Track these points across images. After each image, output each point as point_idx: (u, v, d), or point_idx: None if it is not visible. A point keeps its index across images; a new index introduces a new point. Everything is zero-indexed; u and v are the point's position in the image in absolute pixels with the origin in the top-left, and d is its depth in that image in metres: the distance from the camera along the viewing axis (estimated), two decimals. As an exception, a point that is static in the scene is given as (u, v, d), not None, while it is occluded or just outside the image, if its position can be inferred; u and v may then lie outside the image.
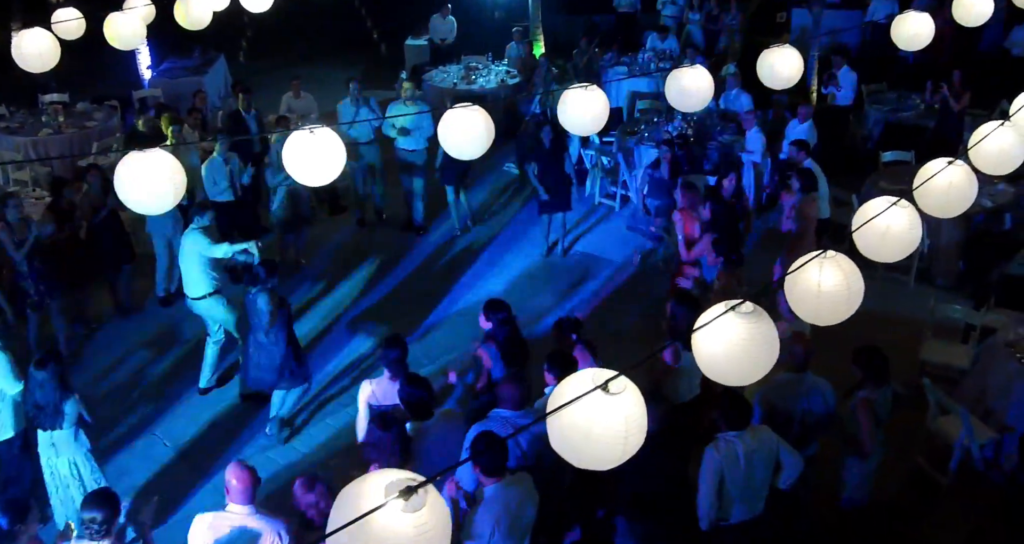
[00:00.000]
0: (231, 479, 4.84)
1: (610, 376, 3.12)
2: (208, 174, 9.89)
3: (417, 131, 11.09)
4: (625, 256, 10.92)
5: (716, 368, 3.57)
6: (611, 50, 15.79)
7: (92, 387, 8.63)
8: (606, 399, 3.08)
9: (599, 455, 3.11)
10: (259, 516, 4.88)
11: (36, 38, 7.17)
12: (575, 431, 3.09)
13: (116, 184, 4.48)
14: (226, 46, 17.93)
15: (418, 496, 2.54)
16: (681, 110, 6.77)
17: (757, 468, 5.44)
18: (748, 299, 3.57)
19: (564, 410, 3.08)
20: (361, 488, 2.64)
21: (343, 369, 8.91)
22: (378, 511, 2.50)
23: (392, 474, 2.65)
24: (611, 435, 3.08)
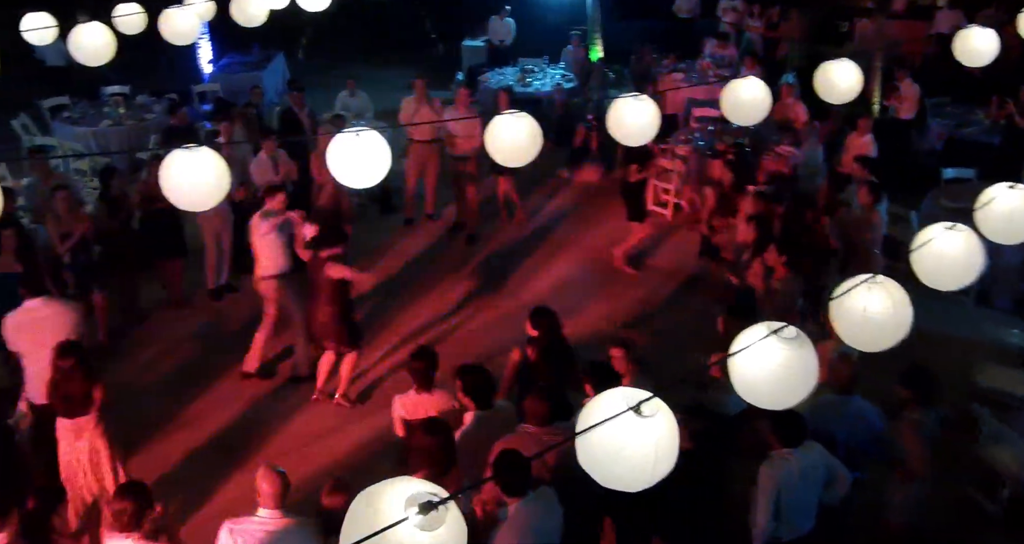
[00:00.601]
0: (261, 483, 4.83)
1: (643, 397, 3.05)
2: (257, 176, 9.95)
3: (473, 138, 11.05)
4: (678, 265, 10.76)
5: (752, 391, 3.48)
6: (668, 56, 15.64)
7: (137, 378, 8.73)
8: (638, 421, 3.00)
9: (626, 477, 3.04)
10: (289, 520, 4.86)
11: (93, 31, 7.28)
12: (603, 452, 3.02)
13: (161, 180, 4.50)
14: (285, 43, 18.09)
15: (437, 513, 2.49)
16: (736, 122, 6.64)
17: (811, 484, 5.36)
18: (797, 317, 3.48)
19: (593, 432, 3.01)
20: (380, 495, 2.57)
21: (385, 370, 8.89)
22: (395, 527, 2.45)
23: (414, 485, 2.59)
24: (640, 458, 3.00)
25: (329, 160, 4.89)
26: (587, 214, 12.25)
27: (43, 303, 6.98)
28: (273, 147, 10.02)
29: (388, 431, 7.71)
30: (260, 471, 4.90)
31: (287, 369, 8.85)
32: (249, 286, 10.20)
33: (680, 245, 11.32)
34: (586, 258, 11.06)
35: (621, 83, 16.08)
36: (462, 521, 2.58)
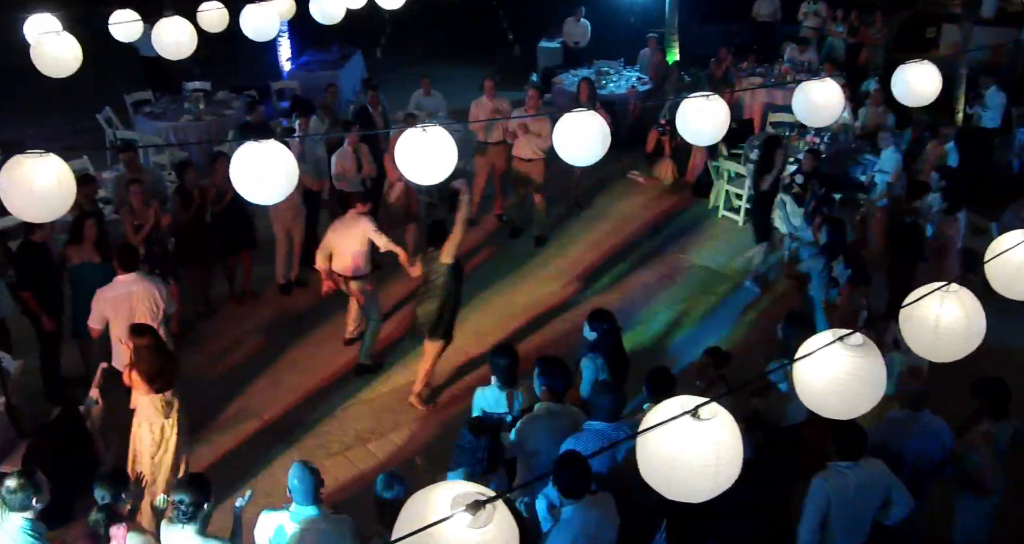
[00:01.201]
0: (293, 479, 4.86)
1: (701, 401, 2.99)
2: (338, 167, 10.05)
3: (539, 139, 11.05)
4: (746, 271, 10.61)
5: (816, 399, 3.39)
6: (747, 59, 15.44)
7: (206, 369, 8.88)
8: (695, 425, 2.94)
9: (688, 486, 2.96)
10: (322, 516, 4.90)
11: (174, 26, 7.43)
12: (662, 460, 2.96)
13: (232, 174, 4.56)
14: (364, 41, 18.27)
15: (485, 512, 2.48)
16: (808, 125, 6.51)
17: (866, 502, 5.19)
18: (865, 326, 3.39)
19: (651, 437, 2.96)
20: (430, 497, 2.58)
21: (448, 369, 8.88)
22: (443, 524, 2.45)
23: (462, 487, 2.60)
24: (700, 465, 2.93)
25: (397, 156, 4.92)
26: (658, 218, 12.14)
27: (136, 278, 7.33)
28: (356, 139, 10.13)
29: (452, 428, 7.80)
30: (292, 468, 4.92)
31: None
32: (317, 282, 10.38)
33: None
34: (655, 262, 10.95)
35: (697, 86, 15.87)
36: (511, 519, 2.57)
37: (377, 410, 8.28)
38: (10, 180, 4.28)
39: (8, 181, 4.28)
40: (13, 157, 4.27)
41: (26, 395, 7.70)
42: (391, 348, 9.21)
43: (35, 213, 4.45)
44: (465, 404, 8.14)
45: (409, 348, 9.15)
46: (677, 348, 9.12)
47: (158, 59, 15.46)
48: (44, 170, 4.25)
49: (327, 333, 9.50)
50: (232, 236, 9.71)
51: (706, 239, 11.53)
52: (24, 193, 4.29)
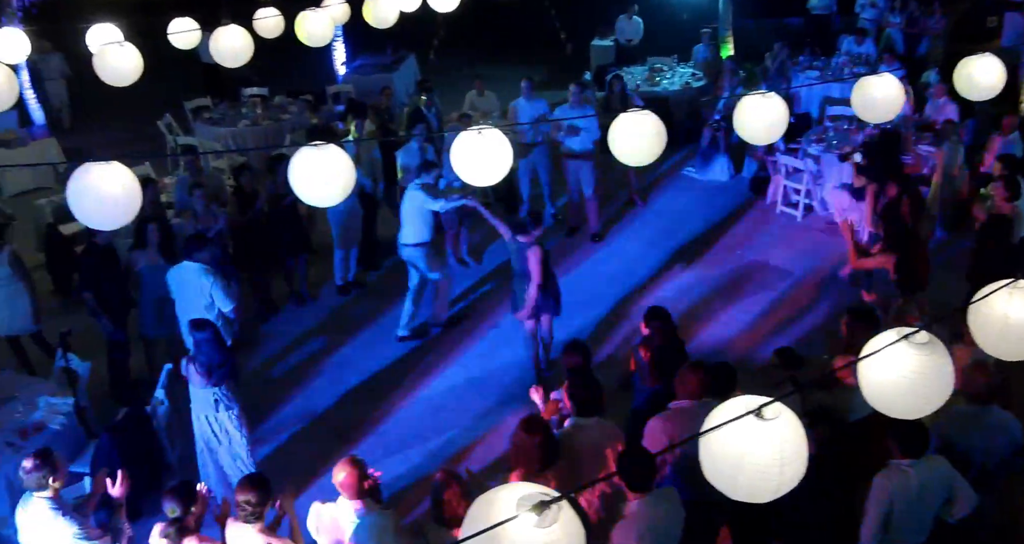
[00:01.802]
0: (339, 474, 4.92)
1: (764, 401, 2.97)
2: (404, 161, 10.14)
3: (585, 132, 11.02)
4: (806, 268, 10.50)
5: (881, 399, 3.36)
6: (803, 53, 15.26)
7: (265, 370, 9.03)
8: (759, 426, 2.93)
9: (753, 486, 2.96)
10: (368, 510, 4.95)
11: (231, 34, 7.56)
12: (726, 460, 2.96)
13: (290, 177, 4.63)
14: (417, 44, 18.39)
15: (551, 511, 2.50)
16: (867, 120, 6.43)
17: (929, 500, 5.11)
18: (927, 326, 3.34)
19: (714, 437, 2.96)
20: (495, 498, 2.61)
21: (507, 367, 8.93)
22: (509, 524, 2.48)
23: (527, 487, 2.61)
24: (764, 465, 2.92)
25: (453, 158, 4.96)
26: (715, 214, 12.05)
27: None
28: (422, 139, 10.24)
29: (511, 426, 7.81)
30: (339, 463, 4.98)
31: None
32: (376, 283, 10.50)
33: (811, 246, 11.02)
34: (713, 259, 10.87)
35: (752, 82, 15.75)
36: (577, 519, 2.59)
37: (435, 408, 8.34)
38: (78, 188, 4.40)
39: (76, 189, 4.39)
40: (81, 165, 4.38)
41: (93, 397, 7.86)
42: (447, 348, 9.27)
43: (103, 220, 4.57)
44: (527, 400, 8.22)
45: (466, 348, 9.23)
46: (738, 346, 9.03)
47: (217, 66, 15.83)
48: (110, 178, 4.36)
49: (385, 333, 9.57)
50: (290, 238, 9.83)
51: (764, 235, 11.40)
52: (92, 200, 4.41)
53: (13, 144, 13.82)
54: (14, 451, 6.57)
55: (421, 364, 9.04)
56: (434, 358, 9.12)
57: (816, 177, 11.56)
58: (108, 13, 10.49)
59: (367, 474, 5.01)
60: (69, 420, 6.99)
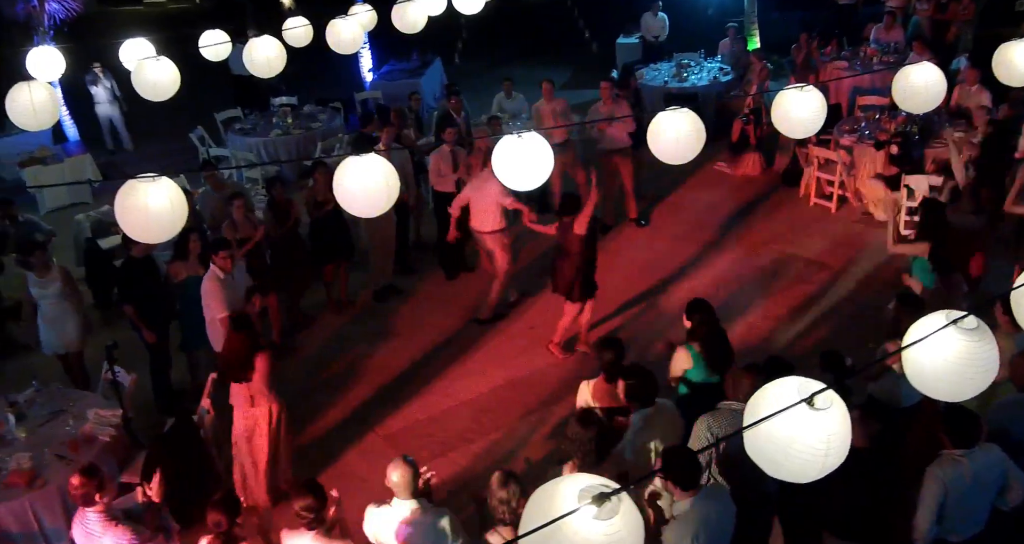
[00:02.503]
0: (392, 474, 4.94)
1: (817, 389, 2.99)
2: (434, 165, 10.16)
3: (618, 130, 11.04)
4: (843, 260, 10.43)
5: (927, 383, 3.36)
6: (831, 44, 15.17)
7: (309, 377, 9.09)
8: (810, 414, 2.96)
9: (795, 469, 3.01)
10: (422, 509, 4.98)
11: (264, 45, 7.64)
12: (773, 444, 2.99)
13: (335, 187, 4.67)
14: (442, 48, 18.45)
15: (611, 504, 2.52)
16: (908, 110, 6.40)
17: (983, 489, 5.08)
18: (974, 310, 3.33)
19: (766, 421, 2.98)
20: (556, 490, 2.63)
21: (547, 366, 8.96)
22: (570, 517, 2.50)
23: (587, 479, 2.63)
24: (810, 452, 2.96)
25: (493, 162, 4.98)
26: (748, 208, 12.03)
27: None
28: (453, 140, 10.27)
29: (554, 426, 7.85)
30: (392, 463, 5.00)
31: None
32: (412, 288, 10.55)
33: (848, 238, 10.98)
34: (748, 252, 10.84)
35: (780, 74, 15.70)
36: (637, 512, 2.61)
37: (477, 411, 8.37)
38: (125, 204, 4.45)
39: (124, 205, 4.45)
40: (128, 182, 4.44)
41: (138, 407, 7.95)
42: (486, 350, 9.32)
43: (150, 234, 4.62)
44: (568, 399, 8.23)
45: (505, 349, 9.27)
46: (779, 339, 9.00)
47: (249, 76, 15.94)
48: (157, 193, 4.42)
49: (423, 337, 9.65)
50: (330, 245, 9.89)
51: (799, 227, 11.36)
52: (140, 215, 4.46)
53: (49, 161, 14.01)
54: (65, 464, 6.67)
55: (461, 367, 9.08)
56: (474, 360, 9.17)
57: (849, 168, 11.49)
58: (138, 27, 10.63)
59: (420, 474, 5.04)
60: (117, 431, 7.08)
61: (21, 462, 6.63)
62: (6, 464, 6.64)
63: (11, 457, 6.70)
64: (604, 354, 6.19)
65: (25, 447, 6.86)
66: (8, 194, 12.03)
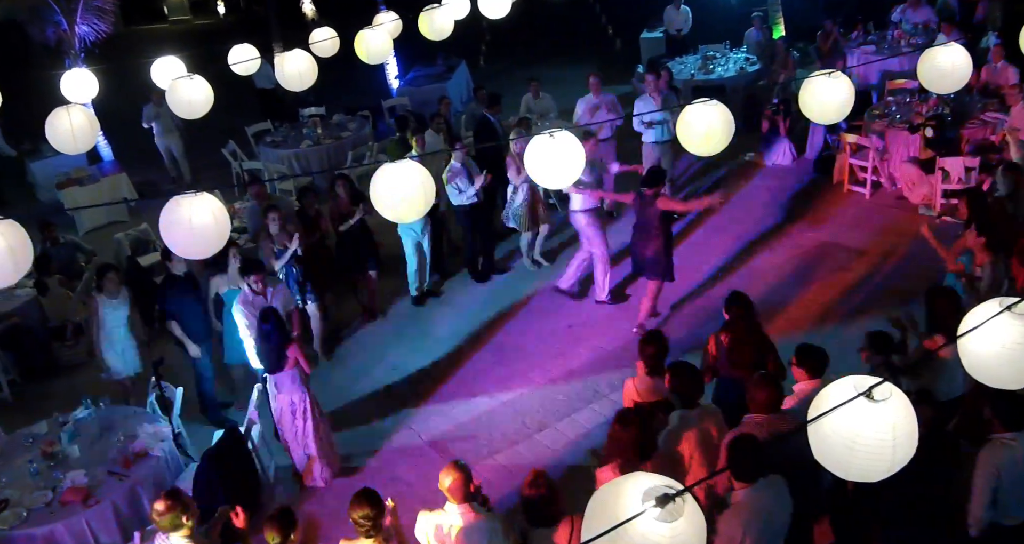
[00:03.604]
0: (445, 479, 4.95)
1: (873, 382, 2.97)
2: (451, 183, 10.11)
3: (663, 124, 11.04)
4: (880, 246, 10.33)
5: (985, 370, 3.34)
6: (857, 29, 15.05)
7: (350, 385, 9.12)
8: (870, 407, 2.94)
9: (865, 467, 2.98)
10: (474, 514, 4.98)
11: (296, 59, 7.70)
12: (838, 442, 2.97)
13: (371, 194, 4.71)
14: (466, 51, 18.48)
15: (675, 505, 2.52)
16: (936, 92, 6.35)
17: (1036, 471, 5.03)
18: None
19: (826, 420, 2.97)
20: (618, 491, 2.63)
21: (587, 365, 8.96)
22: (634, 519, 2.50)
23: (649, 479, 2.63)
24: (877, 446, 2.93)
25: (526, 162, 5.00)
26: (781, 197, 11.95)
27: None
28: (463, 155, 10.17)
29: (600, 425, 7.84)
30: (445, 468, 5.01)
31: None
32: (448, 292, 10.57)
33: (884, 223, 10.88)
34: (783, 242, 10.77)
35: (807, 61, 15.59)
36: (700, 512, 2.60)
37: (521, 411, 8.38)
38: (170, 220, 4.51)
39: (168, 221, 4.51)
40: (172, 198, 4.50)
41: (186, 421, 8.00)
42: (526, 351, 9.32)
43: (195, 250, 4.68)
44: (611, 397, 8.24)
45: (544, 350, 9.28)
46: (820, 328, 8.93)
47: (274, 90, 16.10)
48: (201, 208, 4.47)
49: (462, 340, 9.68)
50: (357, 256, 9.93)
51: (834, 215, 11.28)
52: (184, 231, 4.52)
53: (86, 181, 14.19)
54: (118, 480, 6.76)
55: (502, 368, 9.09)
56: (514, 361, 9.18)
57: (882, 153, 11.40)
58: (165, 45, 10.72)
59: (472, 477, 5.05)
60: (168, 446, 7.17)
61: (76, 480, 6.74)
62: (61, 482, 6.74)
63: (66, 475, 6.81)
64: (646, 348, 6.18)
65: (79, 465, 6.96)
66: (47, 215, 12.18)
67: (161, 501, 5.19)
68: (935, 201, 10.68)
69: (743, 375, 6.17)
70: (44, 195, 15.31)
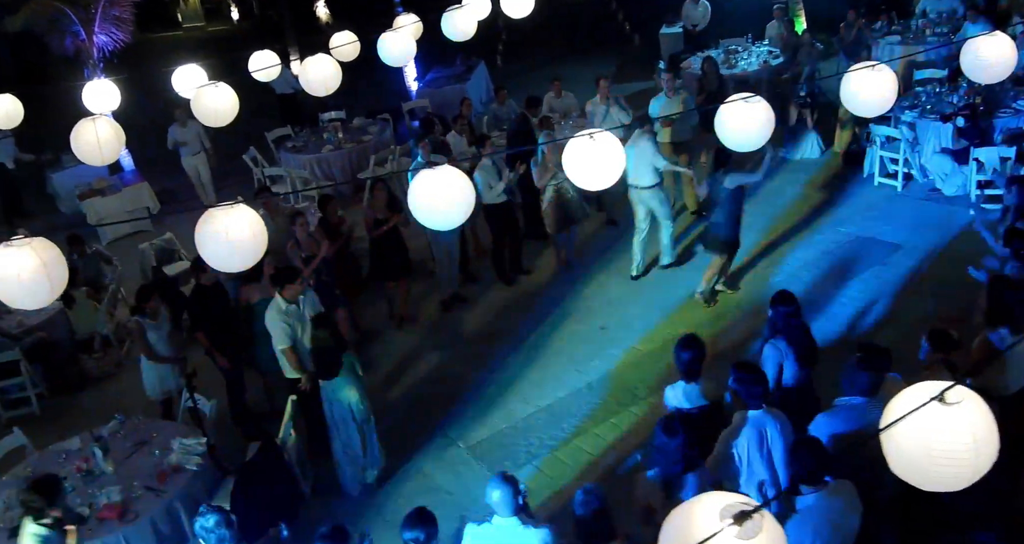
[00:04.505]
0: (493, 491, 4.84)
1: (945, 386, 2.86)
2: (483, 179, 9.99)
3: (681, 122, 10.92)
4: (916, 239, 10.15)
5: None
6: (881, 19, 14.86)
7: (383, 393, 9.00)
8: (945, 411, 2.82)
9: (946, 474, 2.86)
10: (524, 526, 4.86)
11: (319, 64, 7.61)
12: (915, 450, 2.85)
13: (410, 201, 4.60)
14: (484, 51, 18.38)
15: (753, 521, 2.43)
16: (980, 82, 6.21)
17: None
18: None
19: (898, 429, 2.85)
20: (692, 510, 2.55)
21: (622, 367, 8.83)
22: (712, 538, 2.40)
23: (725, 497, 2.54)
24: (957, 452, 2.82)
25: (565, 163, 4.89)
26: (810, 191, 11.80)
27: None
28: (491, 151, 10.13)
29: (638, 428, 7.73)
30: (492, 480, 4.89)
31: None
32: (477, 296, 10.47)
33: (917, 216, 10.71)
34: (814, 237, 10.62)
35: (831, 53, 15.42)
36: (779, 527, 2.51)
37: (558, 416, 8.25)
38: (205, 232, 4.41)
39: (204, 233, 4.41)
40: (207, 210, 4.41)
41: (219, 433, 7.91)
42: (559, 356, 9.19)
43: (231, 263, 4.56)
44: (648, 400, 8.12)
45: (578, 352, 9.16)
46: (864, 326, 8.77)
47: (293, 94, 16.05)
48: (237, 220, 4.38)
49: (494, 344, 9.58)
50: (390, 262, 9.83)
51: (866, 208, 11.11)
52: (220, 244, 4.42)
53: (107, 192, 14.18)
54: (155, 495, 6.69)
55: (535, 372, 8.98)
56: (548, 365, 9.06)
57: (913, 144, 11.22)
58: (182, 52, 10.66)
59: (520, 489, 4.94)
60: (204, 460, 7.09)
61: (112, 495, 6.67)
62: (97, 498, 6.67)
63: (101, 491, 6.74)
64: (682, 353, 6.05)
65: (114, 480, 6.89)
66: (70, 227, 12.16)
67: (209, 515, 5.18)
68: (970, 192, 10.52)
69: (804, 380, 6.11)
70: (65, 206, 15.30)
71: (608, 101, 11.65)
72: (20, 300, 4.25)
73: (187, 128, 13.74)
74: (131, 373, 10.03)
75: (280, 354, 7.67)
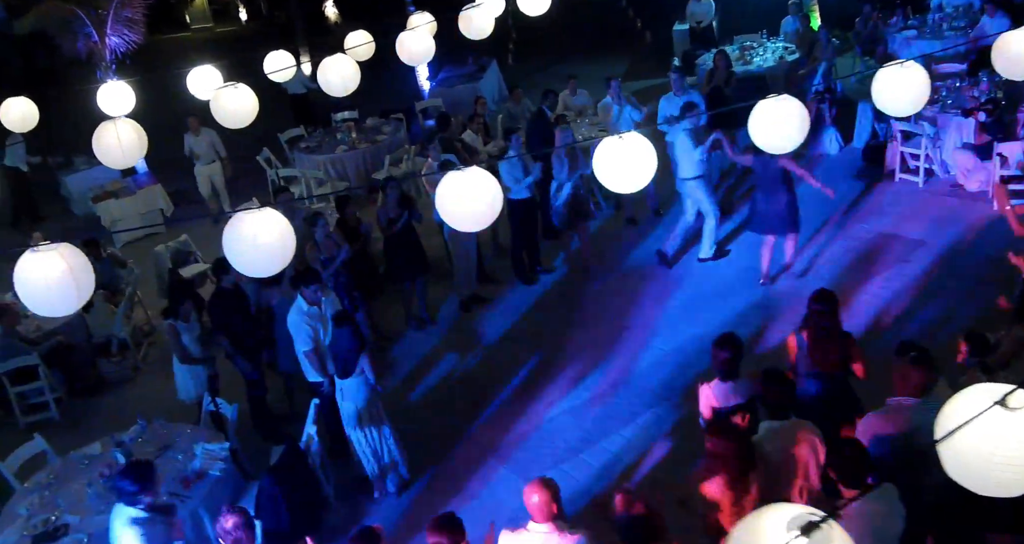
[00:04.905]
0: (531, 496, 4.74)
1: (1008, 390, 2.78)
2: (508, 172, 9.93)
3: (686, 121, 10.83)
4: (938, 235, 10.03)
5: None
6: (896, 13, 14.75)
7: (403, 396, 8.94)
8: (1007, 416, 2.74)
9: (1007, 480, 2.77)
10: (559, 533, 4.77)
11: (338, 64, 7.53)
12: (975, 457, 2.76)
13: (437, 203, 4.52)
14: (495, 49, 18.30)
15: (822, 532, 2.36)
16: (1014, 79, 6.11)
17: None
18: None
19: (958, 433, 2.77)
20: (758, 525, 2.48)
21: (645, 367, 8.74)
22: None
23: (791, 509, 2.47)
24: (1020, 457, 2.73)
25: (595, 165, 4.79)
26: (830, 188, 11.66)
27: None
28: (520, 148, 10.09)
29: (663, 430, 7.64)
30: (529, 485, 4.79)
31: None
32: (497, 297, 10.38)
33: (939, 212, 10.60)
34: (836, 235, 10.50)
35: (845, 49, 15.31)
36: (848, 538, 2.44)
37: (583, 419, 8.15)
38: (233, 237, 4.33)
39: (232, 238, 4.33)
40: (235, 215, 4.33)
41: (242, 437, 7.87)
42: (581, 357, 9.09)
43: (259, 268, 4.48)
44: (673, 401, 8.04)
45: (601, 352, 9.06)
46: (890, 325, 8.65)
47: (306, 95, 16.00)
48: (265, 225, 4.30)
49: (514, 346, 9.50)
50: (406, 263, 9.77)
51: (887, 205, 11.00)
52: (248, 249, 4.34)
53: (121, 194, 14.12)
54: (180, 501, 6.62)
55: (558, 374, 8.88)
56: (570, 366, 8.97)
57: (934, 139, 11.11)
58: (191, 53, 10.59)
59: (558, 495, 4.85)
60: (227, 465, 7.01)
61: (136, 502, 6.60)
62: (120, 505, 6.61)
63: (125, 498, 6.67)
64: (720, 352, 5.96)
65: (138, 486, 6.82)
66: (84, 229, 12.13)
67: (229, 518, 5.12)
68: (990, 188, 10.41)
69: (826, 373, 6.04)
70: (79, 208, 15.27)
71: (620, 100, 11.55)
72: (47, 307, 4.19)
73: (200, 137, 13.57)
74: (149, 376, 10.03)
75: (302, 356, 7.61)
